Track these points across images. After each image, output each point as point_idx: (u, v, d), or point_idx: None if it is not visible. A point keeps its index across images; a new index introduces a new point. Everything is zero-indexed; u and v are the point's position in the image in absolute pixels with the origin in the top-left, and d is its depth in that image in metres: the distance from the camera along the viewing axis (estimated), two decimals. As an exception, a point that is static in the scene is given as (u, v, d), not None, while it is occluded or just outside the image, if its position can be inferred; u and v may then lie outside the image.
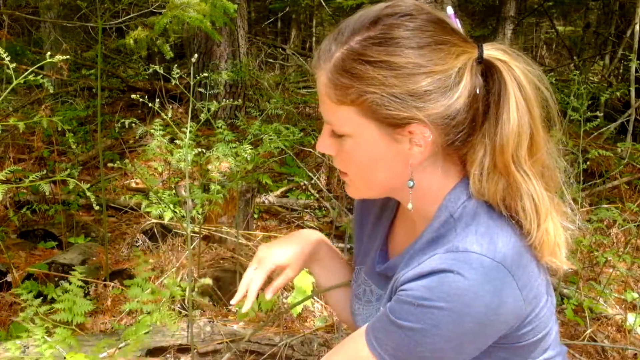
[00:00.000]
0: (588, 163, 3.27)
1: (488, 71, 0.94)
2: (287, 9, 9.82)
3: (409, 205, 0.99)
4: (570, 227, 0.98)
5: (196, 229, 2.87)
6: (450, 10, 0.97)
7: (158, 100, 1.66)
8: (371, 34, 0.91)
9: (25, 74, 1.36)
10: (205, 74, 1.92)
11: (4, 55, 1.30)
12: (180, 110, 6.21)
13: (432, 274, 0.88)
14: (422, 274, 0.90)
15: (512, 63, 0.93)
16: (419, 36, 0.90)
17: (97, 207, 1.53)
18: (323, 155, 4.71)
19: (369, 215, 1.20)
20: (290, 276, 1.20)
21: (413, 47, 0.90)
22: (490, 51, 0.94)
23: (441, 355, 0.90)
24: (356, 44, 0.92)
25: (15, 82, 1.35)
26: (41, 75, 1.40)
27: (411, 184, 0.97)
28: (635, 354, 2.61)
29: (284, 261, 1.19)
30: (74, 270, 2.80)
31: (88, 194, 1.48)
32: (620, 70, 7.78)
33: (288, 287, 2.84)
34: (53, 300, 2.76)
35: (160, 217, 3.10)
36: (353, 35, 0.92)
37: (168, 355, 2.21)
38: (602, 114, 5.69)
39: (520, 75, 0.92)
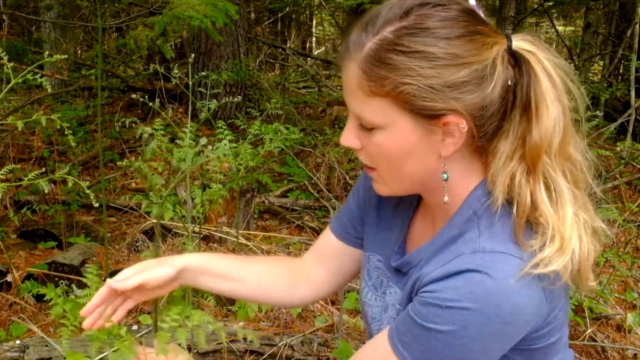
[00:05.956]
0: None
1: (516, 62, 0.92)
2: (287, 9, 9.83)
3: (445, 198, 0.96)
4: (602, 227, 0.95)
5: (196, 229, 2.87)
6: (472, 0, 0.95)
7: (158, 100, 1.66)
8: (404, 24, 0.89)
9: (24, 72, 1.36)
10: (205, 74, 1.92)
11: (3, 55, 1.30)
12: (181, 110, 6.22)
13: (459, 275, 0.87)
14: (447, 274, 0.88)
15: (540, 54, 0.91)
16: (454, 26, 0.88)
17: (96, 205, 1.52)
18: (323, 155, 4.71)
19: (388, 203, 1.16)
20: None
21: (449, 38, 0.87)
22: (519, 42, 0.92)
23: (469, 356, 0.89)
24: (390, 34, 0.89)
25: (13, 82, 1.35)
26: (42, 76, 1.40)
27: (445, 176, 0.95)
28: (635, 354, 2.60)
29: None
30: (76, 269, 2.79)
31: (87, 191, 1.48)
32: (620, 70, 7.78)
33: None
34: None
35: (160, 216, 3.09)
36: (385, 26, 0.89)
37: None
38: (602, 114, 5.69)
39: (548, 66, 0.91)
